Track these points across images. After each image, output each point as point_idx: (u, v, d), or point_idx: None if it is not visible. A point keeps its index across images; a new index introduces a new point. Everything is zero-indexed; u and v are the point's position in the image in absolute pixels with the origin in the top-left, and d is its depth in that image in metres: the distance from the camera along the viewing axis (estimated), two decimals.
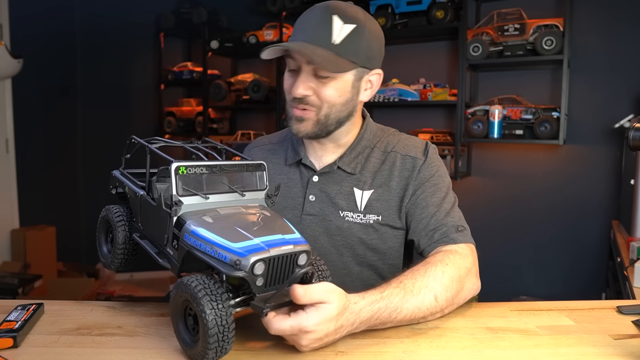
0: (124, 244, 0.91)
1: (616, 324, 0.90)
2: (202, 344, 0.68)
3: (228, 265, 0.69)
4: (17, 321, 0.83)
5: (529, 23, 2.66)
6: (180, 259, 0.76)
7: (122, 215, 0.92)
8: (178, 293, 0.72)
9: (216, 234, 0.71)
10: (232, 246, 0.70)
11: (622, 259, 1.76)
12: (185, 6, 3.91)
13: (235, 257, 0.69)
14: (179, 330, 0.75)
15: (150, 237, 0.86)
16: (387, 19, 2.99)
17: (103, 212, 0.96)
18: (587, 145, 2.79)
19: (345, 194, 1.13)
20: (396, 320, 0.85)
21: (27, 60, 3.18)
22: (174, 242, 0.77)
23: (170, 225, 0.77)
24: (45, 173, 3.83)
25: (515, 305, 1.01)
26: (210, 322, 0.66)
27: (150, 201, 0.82)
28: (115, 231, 0.91)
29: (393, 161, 1.14)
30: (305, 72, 1.04)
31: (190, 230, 0.74)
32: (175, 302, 0.73)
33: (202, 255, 0.72)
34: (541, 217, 2.91)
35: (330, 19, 1.01)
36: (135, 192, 0.87)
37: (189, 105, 4.05)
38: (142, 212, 0.87)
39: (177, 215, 0.76)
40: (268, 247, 0.70)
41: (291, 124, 1.10)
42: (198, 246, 0.72)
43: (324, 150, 1.17)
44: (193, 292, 0.68)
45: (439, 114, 3.20)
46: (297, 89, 1.04)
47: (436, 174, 1.13)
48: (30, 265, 3.29)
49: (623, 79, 2.65)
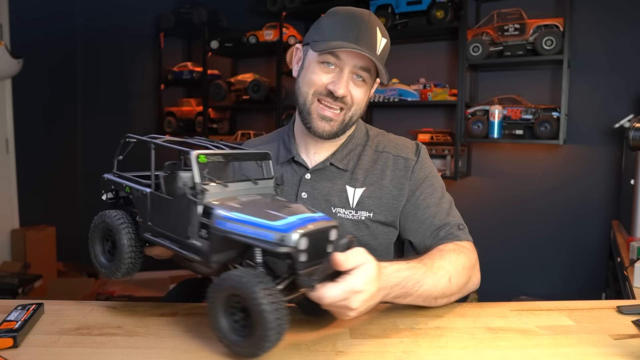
0: (131, 247, 0.87)
1: (616, 324, 0.90)
2: (257, 337, 0.68)
3: (272, 244, 0.70)
4: (17, 321, 0.83)
5: (529, 23, 2.66)
6: (212, 248, 0.75)
7: (124, 218, 0.89)
8: (221, 289, 0.70)
9: (253, 216, 0.72)
10: (273, 224, 0.71)
11: (622, 259, 1.76)
12: (185, 6, 3.91)
13: (279, 234, 0.70)
14: (222, 329, 0.72)
15: (167, 233, 0.83)
16: (387, 19, 2.99)
17: (97, 220, 0.91)
18: (587, 145, 2.79)
19: (338, 191, 1.15)
20: (416, 294, 0.90)
21: (27, 60, 3.18)
22: (201, 231, 0.76)
23: (195, 214, 0.76)
24: (45, 173, 3.83)
25: (515, 305, 1.01)
26: (269, 314, 0.66)
27: (164, 196, 0.81)
28: (118, 236, 0.87)
29: (385, 161, 1.18)
30: (347, 72, 1.08)
31: (223, 216, 0.73)
32: (216, 299, 0.71)
33: (242, 238, 0.72)
34: (541, 217, 2.91)
35: (376, 30, 1.07)
36: (142, 190, 0.85)
37: (189, 105, 4.04)
38: (153, 209, 0.84)
39: (202, 203, 0.75)
40: (306, 223, 0.72)
41: (313, 121, 1.11)
42: (235, 230, 0.72)
43: (318, 147, 1.19)
44: (245, 285, 0.67)
45: (439, 114, 3.20)
46: (341, 89, 1.07)
47: (430, 175, 1.18)
48: (30, 265, 3.29)
49: (623, 79, 2.65)
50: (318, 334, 0.85)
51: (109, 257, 0.92)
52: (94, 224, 0.92)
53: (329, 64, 1.08)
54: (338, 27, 1.07)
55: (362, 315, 0.89)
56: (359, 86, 1.10)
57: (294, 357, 0.76)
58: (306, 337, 0.83)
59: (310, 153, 1.19)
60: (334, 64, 1.08)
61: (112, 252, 0.91)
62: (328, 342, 0.81)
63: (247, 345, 0.70)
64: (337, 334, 0.84)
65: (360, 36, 1.05)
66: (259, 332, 0.67)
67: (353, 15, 1.08)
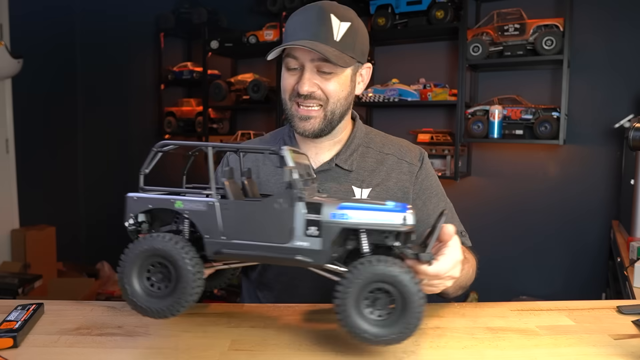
0: (199, 272, 0.74)
1: (616, 324, 0.90)
2: (407, 320, 0.69)
3: (396, 225, 0.72)
4: (17, 321, 0.83)
5: (529, 23, 2.66)
6: (330, 242, 0.72)
7: (181, 240, 0.75)
8: (358, 282, 0.69)
9: (364, 203, 0.73)
10: (387, 207, 0.73)
11: (622, 259, 1.76)
12: (185, 6, 3.91)
13: (399, 215, 0.72)
14: (360, 322, 0.70)
15: (253, 243, 0.74)
16: (387, 19, 2.99)
17: (143, 246, 0.75)
18: (587, 145, 2.79)
19: (344, 191, 1.16)
20: (461, 277, 0.93)
21: (27, 60, 3.18)
22: (308, 229, 0.72)
23: (301, 212, 0.72)
24: (45, 173, 3.83)
25: (515, 305, 1.01)
26: (416, 293, 0.68)
27: (247, 201, 0.76)
28: (180, 263, 0.73)
29: (390, 164, 1.20)
30: (309, 69, 1.07)
31: (338, 207, 0.72)
32: (350, 294, 0.69)
33: (366, 226, 0.72)
34: (541, 217, 2.91)
35: (329, 18, 1.05)
36: (207, 202, 0.75)
37: (189, 105, 4.04)
38: (227, 221, 0.75)
39: (307, 200, 0.72)
40: (402, 205, 0.75)
41: (295, 123, 1.12)
42: (357, 219, 0.72)
43: (319, 148, 1.19)
44: (390, 273, 0.68)
45: (439, 114, 3.20)
46: (304, 86, 1.07)
47: (434, 184, 1.22)
48: (30, 265, 3.29)
49: (623, 79, 2.65)
50: (318, 334, 0.85)
51: (163, 291, 0.76)
52: (131, 256, 0.76)
53: (292, 67, 1.09)
54: (293, 28, 1.08)
55: None
56: (328, 79, 1.08)
57: (294, 357, 0.76)
58: (306, 337, 0.83)
59: (312, 154, 1.19)
60: (295, 65, 1.09)
61: (166, 285, 0.76)
62: (328, 342, 0.81)
63: (395, 332, 0.70)
64: (337, 334, 0.84)
65: (313, 29, 1.04)
66: (410, 314, 0.69)
67: (304, 11, 1.08)
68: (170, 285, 0.75)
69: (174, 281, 0.74)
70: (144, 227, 0.81)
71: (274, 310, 0.97)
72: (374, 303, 0.71)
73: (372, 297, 0.70)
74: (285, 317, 0.92)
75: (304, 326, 0.87)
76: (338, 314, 0.70)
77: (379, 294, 0.70)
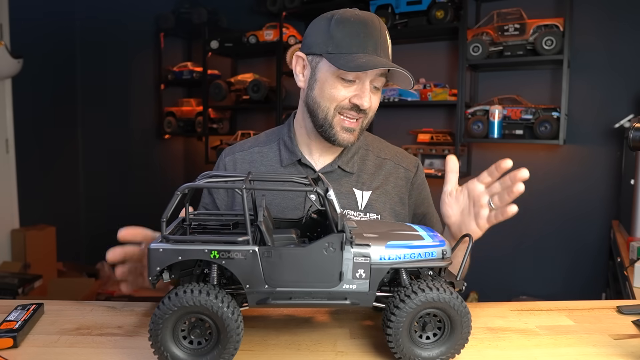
0: (242, 322, 0.69)
1: (616, 324, 0.90)
2: (458, 338, 0.72)
3: (436, 260, 0.75)
4: (17, 321, 0.83)
5: (529, 23, 2.66)
6: (376, 285, 0.72)
7: (221, 292, 0.68)
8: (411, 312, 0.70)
9: (407, 240, 0.75)
10: (427, 243, 0.75)
11: (622, 259, 1.76)
12: (185, 6, 3.91)
13: (439, 249, 0.75)
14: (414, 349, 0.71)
15: (299, 290, 0.70)
16: (387, 19, 2.99)
17: (181, 301, 0.66)
18: (587, 145, 2.79)
19: (345, 194, 1.17)
20: None
21: (27, 60, 3.18)
22: (357, 272, 0.71)
23: (348, 256, 0.70)
24: (45, 173, 3.83)
25: (515, 305, 1.01)
26: (466, 315, 0.72)
27: (299, 246, 0.71)
28: (223, 317, 0.66)
29: (388, 168, 1.23)
30: (368, 83, 1.08)
31: (385, 246, 0.72)
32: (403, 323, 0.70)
33: (410, 265, 0.74)
34: (541, 217, 2.91)
35: (387, 36, 1.08)
36: (247, 251, 0.69)
37: (189, 105, 4.05)
38: (269, 269, 0.69)
39: (357, 243, 0.70)
40: (432, 233, 0.79)
41: (336, 133, 1.10)
42: (402, 258, 0.73)
43: (322, 149, 1.19)
44: (443, 300, 0.70)
45: (439, 114, 3.20)
46: (366, 101, 1.07)
47: (428, 192, 1.29)
48: (30, 265, 3.29)
49: (623, 79, 2.65)
50: (318, 334, 0.85)
51: (204, 346, 0.69)
52: (165, 315, 0.67)
53: (350, 79, 1.07)
54: (354, 38, 1.04)
55: (362, 316, 0.90)
56: (376, 94, 1.11)
57: (294, 357, 0.76)
58: (306, 337, 0.83)
59: (315, 156, 1.19)
60: (354, 77, 1.07)
61: (205, 338, 0.69)
62: (328, 342, 0.81)
63: (444, 352, 0.73)
64: (337, 334, 0.84)
65: (377, 45, 1.05)
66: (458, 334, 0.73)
67: (365, 23, 1.05)
68: (212, 338, 0.69)
69: (214, 333, 0.68)
70: (165, 277, 0.73)
71: (274, 310, 0.97)
72: (424, 328, 0.72)
73: (421, 322, 0.72)
74: (285, 317, 0.92)
75: (304, 326, 0.87)
76: (390, 342, 0.71)
77: (428, 317, 0.72)
